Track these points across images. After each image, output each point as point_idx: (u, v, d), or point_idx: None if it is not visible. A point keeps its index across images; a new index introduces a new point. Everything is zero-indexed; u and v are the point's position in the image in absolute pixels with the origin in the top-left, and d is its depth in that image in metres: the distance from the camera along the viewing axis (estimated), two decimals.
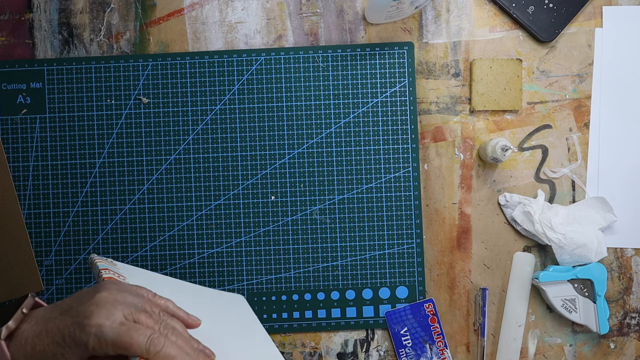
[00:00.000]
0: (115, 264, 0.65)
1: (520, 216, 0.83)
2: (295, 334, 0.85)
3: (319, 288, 0.85)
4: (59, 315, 0.55)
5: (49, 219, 0.85)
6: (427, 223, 0.85)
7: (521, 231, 0.85)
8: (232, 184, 0.85)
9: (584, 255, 0.82)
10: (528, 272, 0.84)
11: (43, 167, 0.85)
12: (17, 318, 0.55)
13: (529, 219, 0.83)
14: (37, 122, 0.85)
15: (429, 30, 0.87)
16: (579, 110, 0.86)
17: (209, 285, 0.84)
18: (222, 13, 0.86)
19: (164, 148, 0.85)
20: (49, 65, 0.85)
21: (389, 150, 0.85)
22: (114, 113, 0.85)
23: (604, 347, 0.85)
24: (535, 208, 0.82)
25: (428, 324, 0.84)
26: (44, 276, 0.84)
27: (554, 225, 0.82)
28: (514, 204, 0.84)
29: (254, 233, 0.85)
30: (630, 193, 0.86)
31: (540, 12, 0.85)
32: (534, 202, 0.83)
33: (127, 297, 0.56)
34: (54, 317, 0.55)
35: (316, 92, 0.86)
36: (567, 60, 0.87)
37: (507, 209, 0.85)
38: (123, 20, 0.86)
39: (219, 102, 0.85)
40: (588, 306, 0.82)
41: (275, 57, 0.86)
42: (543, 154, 0.86)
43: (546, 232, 0.82)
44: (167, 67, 0.85)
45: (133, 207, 0.85)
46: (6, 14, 0.86)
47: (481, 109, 0.85)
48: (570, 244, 0.81)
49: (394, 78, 0.86)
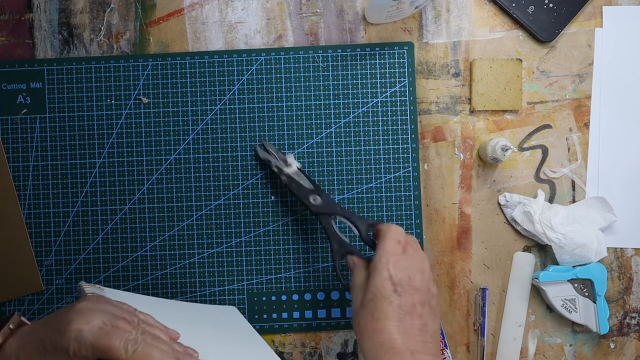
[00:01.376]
0: (103, 289, 0.67)
1: (520, 216, 0.83)
2: (295, 334, 0.85)
3: (319, 288, 0.85)
4: (41, 327, 0.57)
5: (49, 219, 0.85)
6: (427, 223, 0.85)
7: (521, 231, 0.85)
8: (232, 184, 0.85)
9: (584, 255, 0.82)
10: (528, 272, 0.84)
11: (43, 167, 0.85)
12: (4, 333, 0.58)
13: (529, 219, 0.83)
14: (37, 122, 0.85)
15: (429, 30, 0.87)
16: (579, 110, 0.86)
17: (209, 285, 0.84)
18: (222, 13, 0.86)
19: (164, 148, 0.85)
20: (49, 65, 0.85)
21: (389, 150, 0.85)
22: (114, 113, 0.85)
23: (604, 347, 0.85)
24: (535, 208, 0.82)
25: None
26: (44, 276, 0.84)
27: (554, 225, 0.82)
28: (514, 204, 0.84)
29: (254, 233, 0.85)
30: (630, 193, 0.86)
31: (540, 12, 0.85)
32: (534, 202, 0.83)
33: (107, 306, 0.58)
34: (37, 329, 0.57)
35: (316, 92, 0.86)
36: (567, 60, 0.87)
37: (507, 209, 0.85)
38: (123, 20, 0.86)
39: (219, 102, 0.85)
40: (588, 306, 0.82)
41: (275, 57, 0.86)
42: (543, 154, 0.86)
43: (546, 232, 0.82)
44: (167, 67, 0.85)
45: (133, 207, 0.85)
46: (6, 14, 0.86)
47: (481, 109, 0.85)
48: (570, 243, 0.81)
49: (394, 78, 0.86)
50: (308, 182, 0.81)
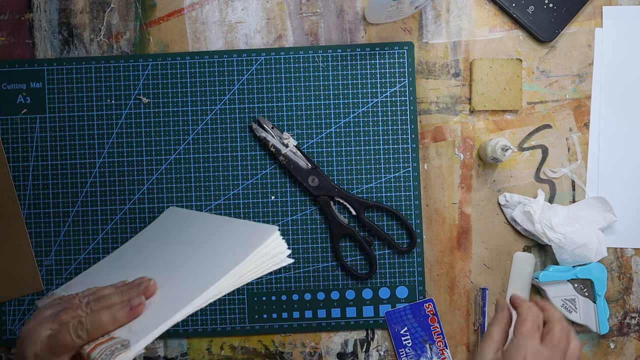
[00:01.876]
0: (54, 293, 0.68)
1: (520, 216, 0.83)
2: (295, 334, 0.85)
3: (319, 288, 0.85)
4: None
5: (49, 219, 0.85)
6: (427, 223, 0.85)
7: (521, 231, 0.85)
8: (232, 184, 0.85)
9: (584, 255, 0.82)
10: (528, 272, 0.84)
11: (43, 167, 0.85)
12: None
13: (529, 219, 0.83)
14: (37, 122, 0.85)
15: (429, 30, 0.87)
16: (579, 110, 0.86)
17: None
18: (222, 13, 0.86)
19: (164, 148, 0.85)
20: (49, 65, 0.85)
21: (389, 150, 0.85)
22: (114, 113, 0.85)
23: (604, 347, 0.85)
24: (535, 208, 0.82)
25: (428, 324, 0.84)
26: (44, 276, 0.84)
27: (554, 225, 0.82)
28: (514, 204, 0.84)
29: None
30: (630, 193, 0.86)
31: (540, 12, 0.85)
32: (533, 202, 0.83)
33: (45, 312, 0.60)
34: None
35: (316, 92, 0.86)
36: (567, 60, 0.87)
37: (507, 209, 0.85)
38: (123, 20, 0.86)
39: (219, 102, 0.85)
40: (588, 306, 0.82)
41: (275, 57, 0.86)
42: (543, 154, 0.86)
43: (546, 232, 0.82)
44: (167, 67, 0.85)
45: (133, 207, 0.85)
46: (6, 14, 0.86)
47: (481, 109, 0.85)
48: (571, 243, 0.81)
49: (394, 78, 0.86)
50: (305, 161, 0.83)
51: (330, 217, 0.82)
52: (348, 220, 0.84)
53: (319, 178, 0.82)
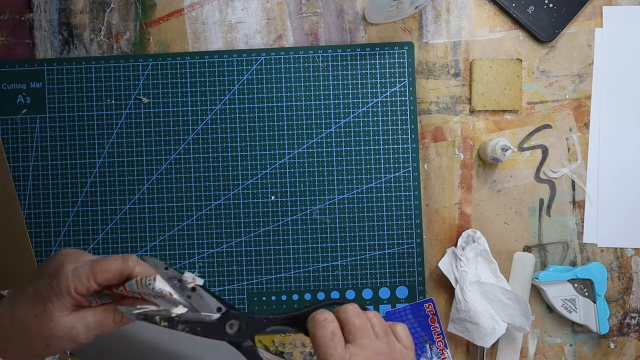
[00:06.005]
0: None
1: (450, 253, 0.82)
2: (295, 334, 0.85)
3: (319, 288, 0.85)
4: (32, 282, 0.55)
5: (49, 219, 0.85)
6: (427, 223, 0.85)
7: (443, 267, 0.82)
8: (232, 184, 0.85)
9: (469, 331, 0.79)
10: (528, 272, 0.84)
11: (43, 167, 0.85)
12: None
13: (456, 257, 0.81)
14: (37, 122, 0.85)
15: (429, 30, 0.87)
16: (579, 110, 0.86)
17: (209, 285, 0.84)
18: (222, 13, 0.87)
19: (164, 148, 0.85)
20: (49, 65, 0.85)
21: (389, 150, 0.85)
22: (114, 113, 0.85)
23: (604, 347, 0.85)
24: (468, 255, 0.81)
25: (428, 324, 0.84)
26: None
27: (469, 284, 0.79)
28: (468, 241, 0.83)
29: (254, 233, 0.85)
30: (630, 193, 0.86)
31: (540, 12, 0.85)
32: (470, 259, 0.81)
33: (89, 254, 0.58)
34: (27, 285, 0.56)
35: (316, 92, 0.86)
36: (567, 60, 0.87)
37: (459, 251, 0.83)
38: (123, 20, 0.86)
39: (219, 102, 0.85)
40: (588, 306, 0.82)
41: (275, 57, 0.86)
42: (543, 154, 0.86)
43: (460, 283, 0.79)
44: (167, 67, 0.85)
45: (133, 207, 0.85)
46: (6, 14, 0.86)
47: (481, 109, 0.85)
48: (468, 313, 0.79)
49: (394, 78, 0.86)
50: (214, 302, 0.56)
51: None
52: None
53: (238, 319, 0.56)
